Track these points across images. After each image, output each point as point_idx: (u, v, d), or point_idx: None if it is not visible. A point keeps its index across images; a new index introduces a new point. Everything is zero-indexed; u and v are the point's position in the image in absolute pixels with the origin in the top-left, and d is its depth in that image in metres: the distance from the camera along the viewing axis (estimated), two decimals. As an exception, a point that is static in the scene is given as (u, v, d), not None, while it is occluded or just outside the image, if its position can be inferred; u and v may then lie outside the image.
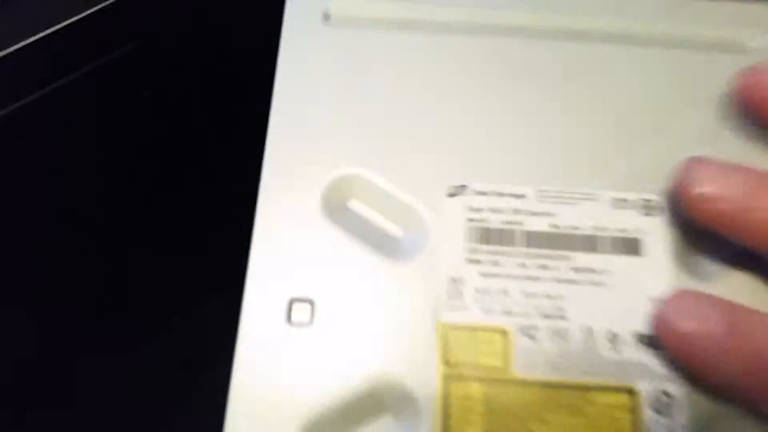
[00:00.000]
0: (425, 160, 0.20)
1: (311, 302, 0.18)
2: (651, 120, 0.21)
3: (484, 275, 0.19)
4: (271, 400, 0.17)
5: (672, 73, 0.21)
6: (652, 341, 0.18)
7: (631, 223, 0.19)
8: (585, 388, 0.18)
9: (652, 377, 0.18)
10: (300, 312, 0.18)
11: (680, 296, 0.18)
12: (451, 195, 0.20)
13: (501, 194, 0.20)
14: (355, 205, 0.20)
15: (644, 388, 0.18)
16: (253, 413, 0.17)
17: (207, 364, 0.19)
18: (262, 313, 0.18)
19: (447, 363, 0.18)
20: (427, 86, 0.21)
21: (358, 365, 0.18)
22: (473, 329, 0.18)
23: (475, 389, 0.18)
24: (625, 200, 0.20)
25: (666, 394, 0.18)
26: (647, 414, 0.17)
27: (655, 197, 0.20)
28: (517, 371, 0.18)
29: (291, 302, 0.18)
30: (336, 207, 0.20)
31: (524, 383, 0.18)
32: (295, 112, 0.20)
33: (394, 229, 0.20)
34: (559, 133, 0.20)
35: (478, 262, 0.19)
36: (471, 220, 0.19)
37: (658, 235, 0.19)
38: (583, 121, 0.21)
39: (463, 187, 0.20)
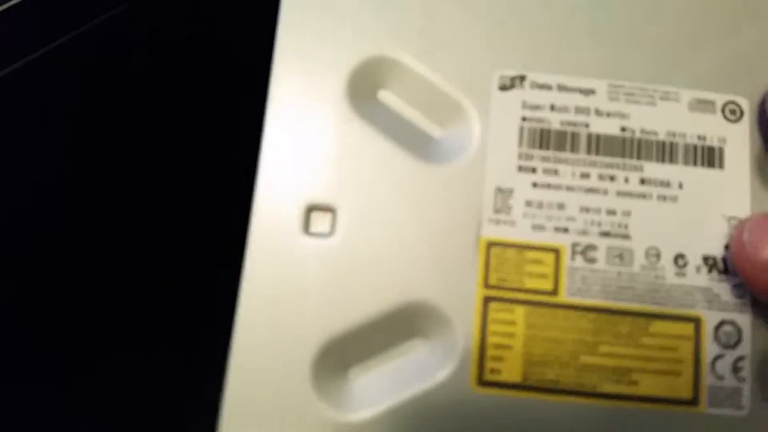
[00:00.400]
0: (473, 43, 0.16)
1: (333, 210, 0.16)
2: (744, 4, 0.17)
3: (538, 185, 0.16)
4: (285, 319, 0.15)
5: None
6: (724, 266, 0.16)
7: (712, 129, 0.16)
8: (645, 316, 0.16)
9: (720, 306, 0.16)
10: (319, 221, 0.16)
11: (763, 218, 0.15)
12: (504, 87, 0.16)
13: (565, 88, 0.16)
14: (386, 96, 0.17)
15: (710, 317, 0.16)
16: (264, 333, 0.15)
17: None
18: (275, 222, 0.16)
19: (487, 284, 0.16)
20: None
21: (385, 282, 0.15)
22: (521, 247, 0.16)
23: (519, 313, 0.16)
24: (708, 102, 0.16)
25: (733, 324, 0.16)
26: (711, 346, 0.15)
27: (741, 99, 0.16)
28: (569, 295, 0.16)
29: (309, 210, 0.16)
30: (363, 97, 0.17)
31: (575, 308, 0.16)
32: None
33: (432, 126, 0.17)
34: (637, 17, 0.17)
35: (532, 169, 0.16)
36: (526, 119, 0.16)
37: (742, 145, 0.16)
38: (666, 4, 0.17)
39: (521, 78, 0.16)
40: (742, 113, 0.16)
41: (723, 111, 0.16)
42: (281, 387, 0.15)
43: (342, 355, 0.16)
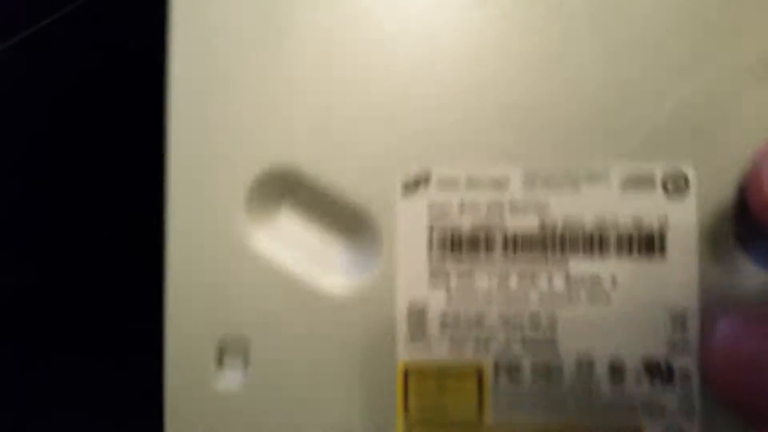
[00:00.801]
0: (369, 144, 0.15)
1: (245, 344, 0.15)
2: (681, 55, 0.14)
3: (454, 297, 0.14)
4: None
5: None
6: (668, 370, 0.14)
7: (651, 209, 0.14)
8: None
9: (664, 414, 0.14)
10: (232, 358, 0.15)
11: (733, 324, 0.13)
12: (408, 189, 0.15)
13: (475, 182, 0.14)
14: (287, 214, 0.16)
15: (652, 427, 0.14)
16: None
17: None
18: (188, 364, 0.15)
19: (408, 413, 0.14)
20: (364, 40, 0.15)
21: (305, 419, 0.14)
22: (440, 370, 0.14)
23: (443, 440, 0.14)
24: (644, 176, 0.14)
25: (681, 432, 0.14)
26: (657, 457, 0.14)
27: (686, 166, 0.14)
28: (495, 417, 0.14)
29: (221, 346, 0.15)
30: (263, 219, 0.15)
31: (502, 431, 0.14)
32: (198, 98, 0.15)
33: (338, 241, 0.15)
34: (552, 85, 0.14)
35: (445, 281, 0.14)
36: (435, 224, 0.14)
37: (687, 224, 0.14)
38: (585, 66, 0.14)
39: (425, 177, 0.15)
40: (687, 184, 0.14)
41: (664, 185, 0.14)
42: None
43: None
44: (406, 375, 0.15)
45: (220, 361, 0.15)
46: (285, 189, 0.15)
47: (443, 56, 0.15)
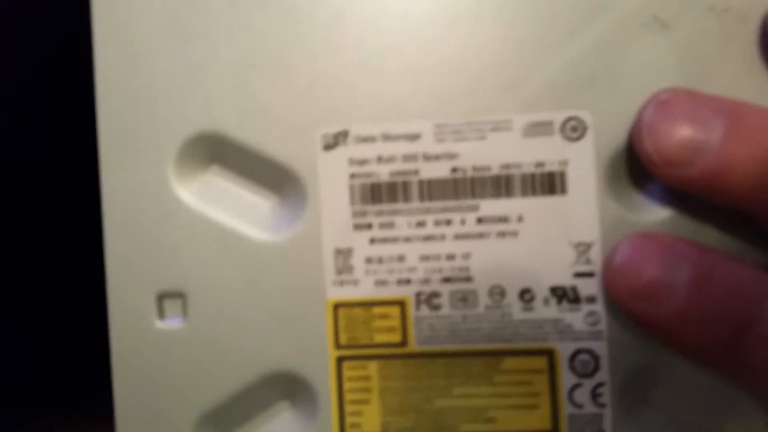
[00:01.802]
0: (289, 105, 0.16)
1: (182, 296, 0.16)
2: (575, 11, 0.16)
3: (376, 241, 0.16)
4: (159, 406, 0.16)
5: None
6: (574, 295, 0.16)
7: (551, 153, 0.16)
8: (495, 354, 0.16)
9: (574, 336, 0.16)
10: (172, 308, 0.17)
11: (638, 238, 0.15)
12: (328, 146, 0.16)
13: (390, 137, 0.16)
14: (216, 172, 0.17)
15: (564, 348, 0.16)
16: (142, 422, 0.16)
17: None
18: (130, 314, 0.16)
19: (338, 344, 0.16)
20: (282, 10, 0.16)
21: (245, 357, 0.16)
22: (366, 304, 0.16)
23: (372, 368, 0.16)
24: (544, 123, 0.16)
25: (589, 353, 0.16)
26: (568, 376, 0.16)
27: (584, 113, 0.16)
28: (418, 344, 0.16)
29: (160, 298, 0.16)
30: (193, 178, 0.17)
31: (426, 356, 0.16)
32: (122, 65, 0.17)
33: (265, 195, 0.17)
34: (456, 45, 0.16)
35: (368, 226, 0.16)
36: (355, 175, 0.16)
37: (586, 164, 0.16)
38: (485, 20, 0.16)
39: (343, 134, 0.16)
40: (585, 129, 0.16)
41: (563, 130, 0.16)
42: None
43: (215, 428, 0.17)
44: (336, 311, 0.16)
45: (160, 311, 0.17)
46: (214, 151, 0.17)
47: (356, 25, 0.16)
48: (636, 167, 0.15)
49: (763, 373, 0.14)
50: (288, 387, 0.17)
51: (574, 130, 0.16)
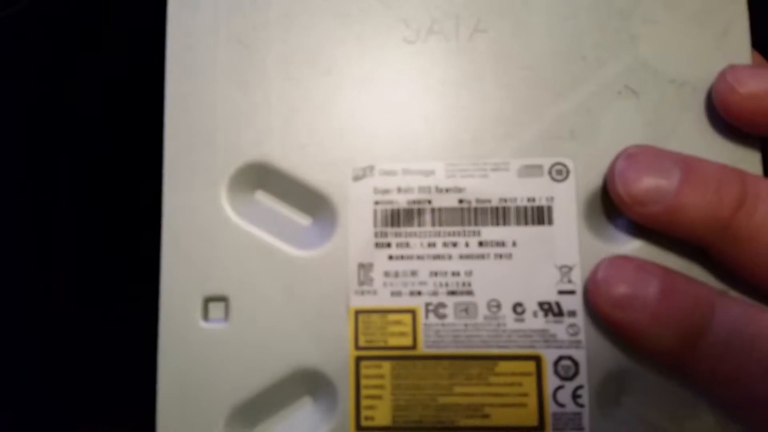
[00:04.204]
0: (328, 143, 0.20)
1: (225, 300, 0.19)
2: (562, 80, 0.20)
3: (393, 258, 0.19)
4: (196, 396, 0.19)
5: (586, 18, 0.20)
6: (558, 309, 0.19)
7: (541, 190, 0.19)
8: (491, 359, 0.19)
9: (557, 344, 0.19)
10: (215, 310, 0.19)
11: (616, 258, 0.18)
12: (357, 178, 0.20)
13: (409, 172, 0.20)
14: (262, 195, 0.21)
15: (549, 355, 0.19)
16: (181, 410, 0.19)
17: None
18: (178, 314, 0.19)
19: (358, 346, 0.19)
20: (322, 63, 0.20)
21: (277, 355, 0.19)
22: (383, 312, 0.19)
23: (386, 368, 0.19)
24: (535, 166, 0.19)
25: (570, 359, 0.18)
26: (552, 379, 0.18)
27: (567, 160, 0.19)
28: (426, 348, 0.19)
29: (206, 301, 0.19)
30: (242, 200, 0.20)
31: (432, 358, 0.19)
32: (189, 104, 0.20)
33: (302, 216, 0.20)
34: (463, 100, 0.20)
35: (387, 245, 0.19)
36: (378, 202, 0.19)
37: (568, 201, 0.19)
38: (489, 84, 0.20)
39: (370, 168, 0.20)
40: (568, 173, 0.19)
41: (550, 173, 0.19)
42: None
43: (246, 418, 0.19)
44: (357, 316, 0.19)
45: (205, 313, 0.19)
46: (261, 178, 0.20)
47: (383, 82, 0.20)
48: (609, 205, 0.19)
49: (712, 377, 0.17)
50: (311, 383, 0.19)
51: (560, 173, 0.19)
